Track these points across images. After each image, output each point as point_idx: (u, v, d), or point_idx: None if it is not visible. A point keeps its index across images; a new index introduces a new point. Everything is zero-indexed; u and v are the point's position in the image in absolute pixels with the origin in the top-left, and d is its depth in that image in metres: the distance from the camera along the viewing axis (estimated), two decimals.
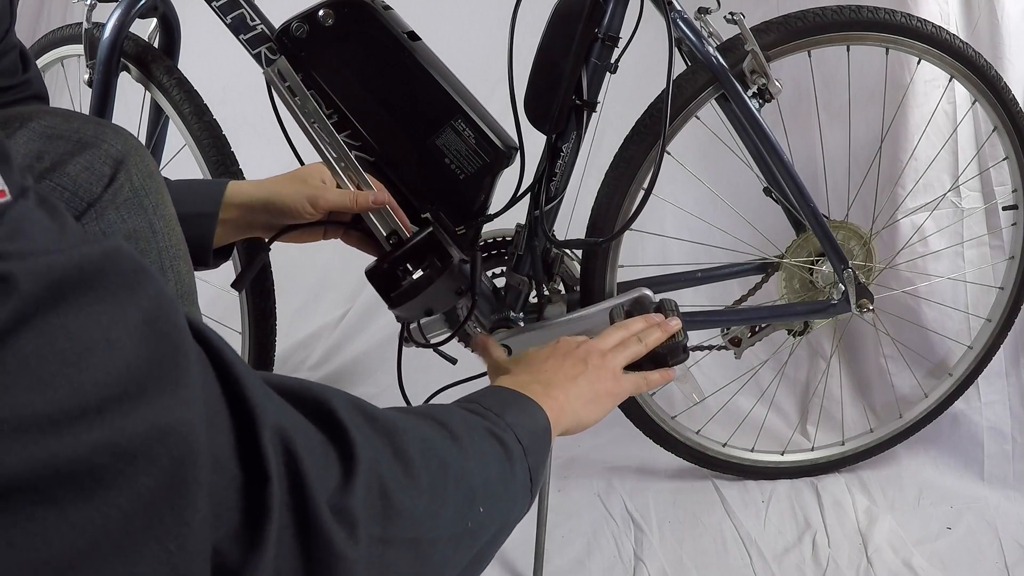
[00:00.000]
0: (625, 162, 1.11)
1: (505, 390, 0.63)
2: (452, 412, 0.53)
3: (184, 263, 0.62)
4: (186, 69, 1.17)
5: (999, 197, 1.41)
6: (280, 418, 0.37)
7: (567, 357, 0.72)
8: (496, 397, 0.60)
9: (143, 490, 0.29)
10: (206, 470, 0.32)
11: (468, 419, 0.54)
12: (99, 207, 0.57)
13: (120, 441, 0.29)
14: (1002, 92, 1.21)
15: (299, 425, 0.40)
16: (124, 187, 0.58)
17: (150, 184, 0.61)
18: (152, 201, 0.60)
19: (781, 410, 1.53)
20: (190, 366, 0.33)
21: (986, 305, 1.38)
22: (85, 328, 0.29)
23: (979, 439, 1.39)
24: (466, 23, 1.73)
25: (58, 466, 0.27)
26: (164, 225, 0.60)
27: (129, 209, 0.58)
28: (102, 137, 0.59)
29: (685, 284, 1.28)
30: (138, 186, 0.59)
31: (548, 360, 0.72)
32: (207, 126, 1.13)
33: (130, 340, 0.31)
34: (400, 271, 0.83)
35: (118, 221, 0.57)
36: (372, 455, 0.41)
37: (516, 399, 0.61)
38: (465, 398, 0.60)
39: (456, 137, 1.04)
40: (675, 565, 1.19)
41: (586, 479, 1.39)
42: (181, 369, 0.32)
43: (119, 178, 0.58)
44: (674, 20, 1.06)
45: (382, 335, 1.74)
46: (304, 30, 1.01)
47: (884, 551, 1.20)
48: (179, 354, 0.33)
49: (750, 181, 1.23)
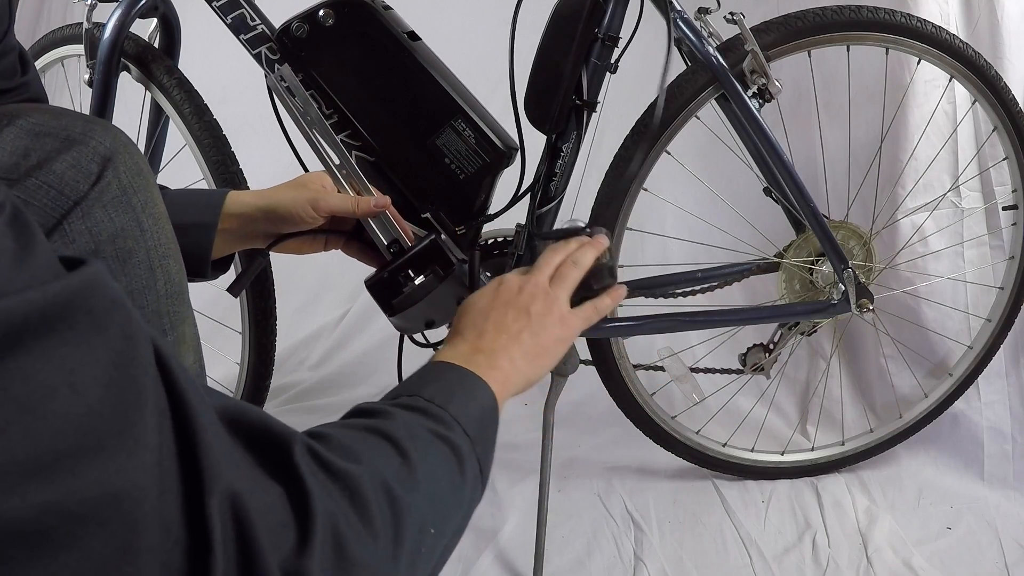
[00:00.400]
0: (625, 162, 1.11)
1: (448, 370, 0.60)
2: (396, 421, 0.51)
3: (174, 261, 0.61)
4: (186, 69, 1.17)
5: (999, 197, 1.41)
6: (233, 479, 0.36)
7: (509, 308, 0.67)
8: (440, 383, 0.57)
9: (93, 553, 0.29)
10: (155, 533, 0.31)
11: (412, 426, 0.51)
12: (85, 205, 0.56)
13: (71, 505, 0.28)
14: (1002, 92, 1.21)
15: (254, 484, 0.38)
16: (112, 184, 0.57)
17: (138, 181, 0.59)
18: (140, 199, 0.59)
19: (781, 410, 1.53)
20: (148, 419, 0.32)
21: (986, 305, 1.38)
22: (46, 372, 0.28)
23: (979, 439, 1.39)
24: (466, 23, 1.73)
25: (5, 525, 0.26)
26: (152, 223, 0.59)
27: (116, 207, 0.57)
28: (90, 134, 0.58)
29: (685, 284, 1.28)
30: (126, 183, 0.58)
31: (490, 317, 0.66)
32: (207, 126, 1.13)
33: (95, 385, 0.30)
34: (401, 277, 0.82)
35: (105, 219, 0.56)
36: (329, 507, 0.40)
37: (461, 382, 0.59)
38: (408, 384, 0.57)
39: (456, 137, 1.04)
40: (675, 565, 1.19)
41: (586, 479, 1.39)
42: (140, 426, 0.31)
43: (106, 175, 0.57)
44: (674, 20, 1.06)
45: (382, 335, 1.74)
46: (304, 30, 1.01)
47: (884, 551, 1.20)
48: (141, 405, 0.31)
49: (750, 181, 1.23)
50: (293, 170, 1.09)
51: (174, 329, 0.59)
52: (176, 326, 0.60)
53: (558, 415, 1.21)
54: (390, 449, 0.48)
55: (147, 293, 0.58)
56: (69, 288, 0.30)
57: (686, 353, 1.43)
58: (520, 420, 1.55)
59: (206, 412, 0.36)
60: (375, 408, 0.52)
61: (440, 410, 0.53)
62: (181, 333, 0.60)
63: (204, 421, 0.35)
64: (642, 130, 1.10)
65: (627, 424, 1.30)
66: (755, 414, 1.47)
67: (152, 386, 0.33)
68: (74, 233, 0.55)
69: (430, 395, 0.54)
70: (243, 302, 1.22)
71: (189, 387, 0.35)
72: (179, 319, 0.60)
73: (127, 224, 0.57)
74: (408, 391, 0.55)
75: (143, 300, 0.57)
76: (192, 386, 0.35)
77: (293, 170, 1.09)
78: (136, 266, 0.57)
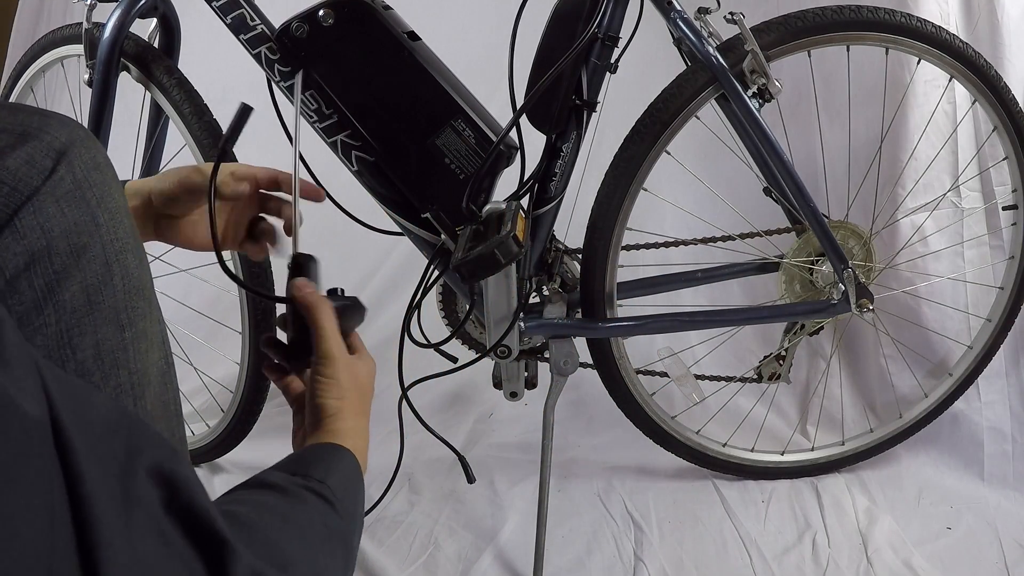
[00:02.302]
0: (625, 162, 1.11)
1: (351, 466, 0.66)
2: (313, 531, 0.55)
3: (133, 256, 0.59)
4: (186, 69, 1.17)
5: (999, 197, 1.41)
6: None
7: (364, 399, 0.75)
8: (349, 486, 0.63)
9: None
10: None
11: (317, 520, 0.56)
12: (37, 200, 0.54)
13: None
14: (1002, 92, 1.21)
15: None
16: (65, 179, 0.56)
17: (94, 176, 0.58)
18: (96, 193, 0.58)
19: (781, 410, 1.53)
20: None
21: (986, 305, 1.38)
22: None
23: (979, 439, 1.39)
24: (466, 23, 1.73)
25: None
26: (109, 217, 0.58)
27: (70, 201, 0.56)
28: (45, 128, 0.57)
29: (685, 284, 1.28)
30: (80, 178, 0.57)
31: (356, 403, 0.73)
32: (207, 126, 1.13)
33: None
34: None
35: (57, 214, 0.55)
36: None
37: (354, 480, 0.65)
38: (323, 481, 0.61)
39: (456, 137, 1.04)
40: (675, 565, 1.19)
41: (586, 479, 1.39)
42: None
43: (59, 169, 0.56)
44: (674, 20, 1.07)
45: (382, 335, 1.74)
46: (304, 30, 1.01)
47: (884, 551, 1.20)
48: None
49: (750, 181, 1.23)
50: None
51: (132, 325, 0.58)
52: (135, 322, 0.59)
53: (558, 415, 1.21)
54: (306, 549, 0.53)
55: (103, 289, 0.57)
56: None
57: (686, 353, 1.43)
58: (520, 420, 1.55)
59: (108, 505, 0.36)
60: (300, 497, 0.57)
61: (336, 501, 0.59)
62: (141, 329, 0.59)
63: (103, 517, 0.35)
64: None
65: (627, 424, 1.30)
66: (755, 414, 1.47)
67: (42, 482, 0.33)
68: (25, 229, 0.54)
69: (335, 489, 0.60)
70: (243, 302, 1.22)
71: (94, 482, 0.35)
72: (138, 315, 0.59)
73: (81, 219, 0.56)
74: (313, 473, 0.60)
75: (99, 296, 0.56)
76: (99, 477, 0.36)
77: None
78: (91, 261, 0.56)
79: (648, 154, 1.11)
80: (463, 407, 1.62)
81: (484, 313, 1.09)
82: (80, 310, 0.55)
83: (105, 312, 0.56)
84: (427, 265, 1.11)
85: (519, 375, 1.19)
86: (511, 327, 1.09)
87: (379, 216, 1.13)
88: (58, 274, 0.54)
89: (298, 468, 0.60)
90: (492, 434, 1.53)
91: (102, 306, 0.56)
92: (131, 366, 0.58)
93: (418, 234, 1.11)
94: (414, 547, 1.23)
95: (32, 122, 0.57)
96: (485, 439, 1.52)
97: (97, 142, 0.60)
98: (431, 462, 1.42)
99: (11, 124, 0.56)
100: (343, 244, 1.54)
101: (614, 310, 1.18)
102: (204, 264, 1.35)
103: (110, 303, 0.57)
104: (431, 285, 1.14)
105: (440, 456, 1.40)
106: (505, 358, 1.14)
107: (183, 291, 1.49)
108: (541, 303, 1.17)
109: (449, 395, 1.64)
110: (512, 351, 1.13)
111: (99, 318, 0.56)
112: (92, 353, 0.56)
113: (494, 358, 1.14)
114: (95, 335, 0.56)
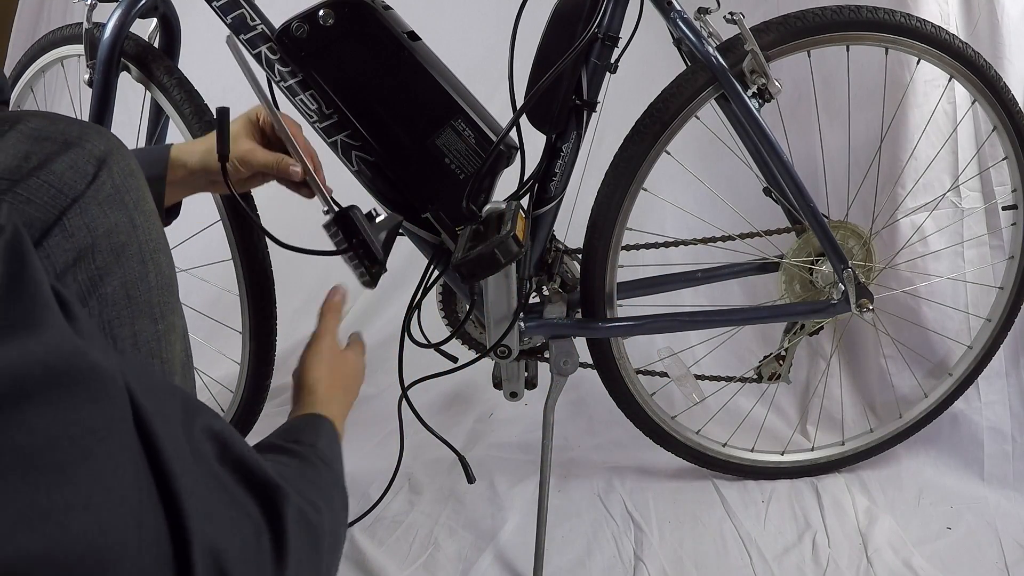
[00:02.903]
0: (625, 162, 1.11)
1: (332, 432, 0.74)
2: (323, 482, 0.62)
3: (164, 255, 0.66)
4: (186, 69, 1.17)
5: (999, 197, 1.41)
6: (214, 536, 0.40)
7: (349, 390, 0.86)
8: (332, 447, 0.71)
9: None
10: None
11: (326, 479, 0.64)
12: (83, 203, 0.60)
13: (58, 556, 0.30)
14: (1002, 92, 1.21)
15: (234, 534, 0.43)
16: (106, 184, 0.61)
17: (131, 182, 0.64)
18: (133, 197, 0.63)
19: (781, 410, 1.53)
20: (126, 478, 0.35)
21: (986, 305, 1.38)
22: (50, 427, 0.31)
23: (979, 439, 1.39)
24: (466, 23, 1.73)
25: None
26: (144, 220, 0.64)
27: (111, 205, 0.61)
28: (86, 137, 0.63)
29: (685, 284, 1.28)
30: (119, 183, 0.62)
31: (335, 387, 0.83)
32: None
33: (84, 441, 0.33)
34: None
35: (100, 216, 0.61)
36: (300, 557, 0.48)
37: (336, 447, 0.73)
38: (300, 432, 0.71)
39: (456, 137, 1.04)
40: (675, 565, 1.19)
41: (586, 479, 1.39)
42: (117, 489, 0.35)
43: (101, 175, 0.61)
44: (674, 20, 1.07)
45: (382, 335, 1.74)
46: (304, 30, 1.01)
47: (884, 551, 1.20)
48: (117, 467, 0.34)
49: (750, 181, 1.23)
50: None
51: (164, 319, 0.64)
52: (166, 315, 0.64)
53: (558, 415, 1.21)
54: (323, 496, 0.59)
55: (140, 284, 0.62)
56: (61, 352, 0.33)
57: (686, 353, 1.43)
58: (520, 420, 1.55)
59: (181, 459, 0.40)
60: (305, 456, 0.65)
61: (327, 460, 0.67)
62: (171, 323, 0.65)
63: (178, 469, 0.39)
64: None
65: (627, 424, 1.30)
66: (755, 414, 1.47)
67: (129, 445, 0.36)
68: (73, 228, 0.59)
69: (329, 459, 0.68)
70: (243, 302, 1.22)
71: (166, 439, 0.39)
72: (169, 309, 0.65)
73: (120, 220, 0.62)
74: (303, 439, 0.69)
75: (136, 291, 0.62)
76: (169, 434, 0.39)
77: None
78: (129, 259, 0.62)
79: (648, 154, 1.11)
80: (463, 407, 1.62)
81: (484, 313, 1.09)
82: (120, 303, 0.61)
83: (141, 306, 0.62)
84: (427, 265, 1.11)
85: (519, 375, 1.19)
86: (511, 327, 1.09)
87: None
88: (100, 270, 0.60)
89: (289, 436, 0.68)
90: (492, 434, 1.53)
91: (139, 300, 0.62)
92: (163, 355, 0.64)
93: (418, 234, 1.11)
94: (414, 547, 1.23)
95: (72, 131, 0.63)
96: (485, 439, 1.52)
97: (129, 151, 0.66)
98: (431, 462, 1.42)
99: (53, 133, 0.62)
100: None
101: (614, 310, 1.18)
102: (205, 264, 1.35)
103: (145, 298, 0.63)
104: (431, 285, 1.14)
105: (440, 456, 1.40)
106: (505, 358, 1.14)
107: (183, 291, 1.46)
108: (541, 303, 1.17)
109: (449, 395, 1.64)
110: (512, 351, 1.13)
111: (136, 311, 0.62)
112: (131, 343, 0.61)
113: (494, 358, 1.14)
114: (133, 326, 0.62)
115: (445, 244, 1.10)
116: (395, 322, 1.43)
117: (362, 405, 1.64)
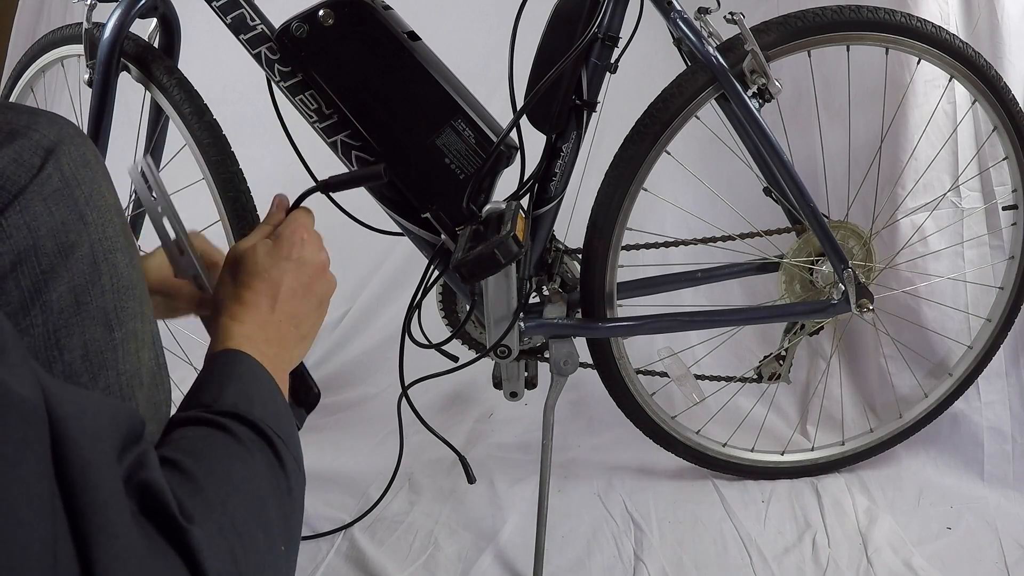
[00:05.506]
0: (625, 162, 1.11)
1: (245, 368, 0.64)
2: (247, 447, 0.55)
3: (123, 255, 0.58)
4: (186, 69, 1.17)
5: (999, 197, 1.41)
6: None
7: (295, 299, 0.73)
8: (239, 385, 0.61)
9: None
10: None
11: (264, 455, 0.56)
12: (25, 198, 0.54)
13: None
14: (1002, 92, 1.21)
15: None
16: (53, 177, 0.55)
17: (83, 173, 0.57)
18: (85, 191, 0.57)
19: (781, 410, 1.53)
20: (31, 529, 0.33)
21: (986, 305, 1.38)
22: None
23: (979, 439, 1.39)
24: (466, 23, 1.73)
25: None
26: (98, 216, 0.57)
27: (57, 200, 0.55)
28: (33, 126, 0.56)
29: (685, 284, 1.28)
30: (69, 175, 0.56)
31: (278, 302, 0.71)
32: (207, 126, 1.13)
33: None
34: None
35: (44, 213, 0.54)
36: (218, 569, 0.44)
37: (258, 385, 0.63)
38: (215, 387, 0.60)
39: (456, 137, 1.04)
40: (675, 565, 1.19)
41: (586, 479, 1.39)
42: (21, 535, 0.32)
43: (47, 167, 0.55)
44: (674, 20, 1.06)
45: (382, 335, 1.74)
46: (304, 30, 1.01)
47: (884, 551, 1.20)
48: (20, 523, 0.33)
49: (750, 181, 1.23)
50: (294, 169, 1.09)
51: (122, 325, 0.57)
52: (125, 322, 0.57)
53: (558, 415, 1.21)
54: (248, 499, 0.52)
55: (91, 288, 0.56)
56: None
57: (686, 353, 1.43)
58: (520, 420, 1.55)
59: (105, 490, 0.37)
60: (219, 423, 0.56)
61: (272, 433, 0.58)
62: (131, 330, 0.58)
63: (99, 504, 0.37)
64: None
65: (627, 424, 1.30)
66: (755, 414, 1.47)
67: (44, 474, 0.34)
68: (11, 228, 0.53)
69: (244, 406, 0.58)
70: None
71: (91, 469, 0.36)
72: (128, 315, 0.58)
73: (69, 217, 0.55)
74: (219, 394, 0.59)
75: (87, 296, 0.55)
76: (96, 462, 0.37)
77: (294, 169, 1.09)
78: (79, 261, 0.55)
79: (648, 154, 1.11)
80: (463, 407, 1.62)
81: (484, 313, 1.09)
82: (67, 310, 0.54)
83: (93, 312, 0.55)
84: (427, 265, 1.11)
85: (519, 375, 1.19)
86: (511, 327, 1.09)
87: (379, 216, 1.13)
88: (45, 274, 0.53)
89: (192, 398, 0.60)
90: (492, 434, 1.53)
91: (90, 306, 0.55)
92: (120, 367, 0.57)
93: (418, 234, 1.11)
94: (414, 547, 1.23)
95: (21, 120, 0.56)
96: (485, 439, 1.52)
97: (88, 139, 0.59)
98: (431, 462, 1.42)
99: (0, 123, 0.55)
100: (343, 244, 1.53)
101: (614, 310, 1.18)
102: None
103: (98, 303, 0.56)
104: (431, 285, 1.14)
105: (440, 456, 1.40)
106: (505, 358, 1.14)
107: None
108: (541, 303, 1.17)
109: (449, 395, 1.64)
110: (512, 351, 1.13)
111: (87, 318, 0.55)
112: (80, 354, 0.55)
113: (494, 358, 1.14)
114: (83, 336, 0.55)
115: (445, 244, 1.10)
116: (395, 322, 1.43)
117: (362, 405, 1.64)
